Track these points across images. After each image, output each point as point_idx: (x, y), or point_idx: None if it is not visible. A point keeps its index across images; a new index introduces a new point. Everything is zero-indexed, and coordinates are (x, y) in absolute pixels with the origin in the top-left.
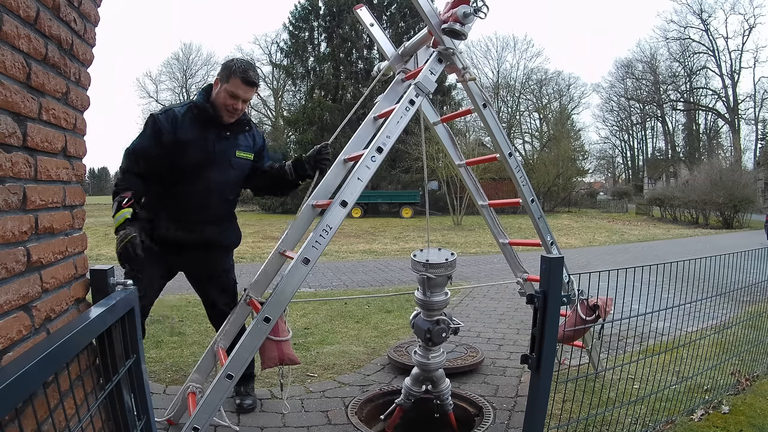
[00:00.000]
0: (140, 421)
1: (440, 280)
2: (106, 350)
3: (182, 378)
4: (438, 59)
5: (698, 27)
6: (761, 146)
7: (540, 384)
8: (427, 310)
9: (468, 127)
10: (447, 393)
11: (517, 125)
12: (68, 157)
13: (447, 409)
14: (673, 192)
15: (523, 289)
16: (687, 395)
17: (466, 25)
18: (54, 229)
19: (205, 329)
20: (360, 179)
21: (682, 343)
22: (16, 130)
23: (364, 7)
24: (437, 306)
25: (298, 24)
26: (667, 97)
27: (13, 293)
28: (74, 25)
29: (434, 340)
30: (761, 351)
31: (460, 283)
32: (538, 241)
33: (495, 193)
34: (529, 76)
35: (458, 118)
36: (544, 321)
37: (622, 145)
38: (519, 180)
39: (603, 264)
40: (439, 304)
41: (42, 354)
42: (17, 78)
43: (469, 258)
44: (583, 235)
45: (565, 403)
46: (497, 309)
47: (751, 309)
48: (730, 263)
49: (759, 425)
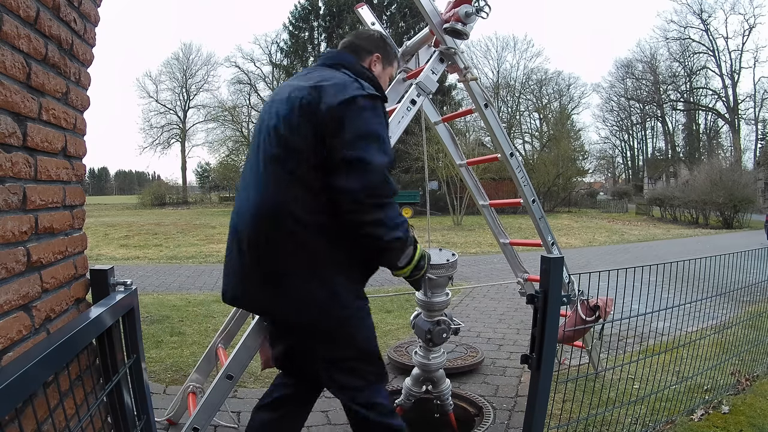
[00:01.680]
0: (140, 421)
1: (441, 281)
2: (106, 350)
3: (182, 378)
4: (439, 59)
5: (698, 27)
6: (761, 146)
7: (540, 384)
8: (427, 311)
9: (468, 127)
10: (447, 393)
11: (517, 125)
12: (68, 157)
13: (447, 409)
14: (673, 192)
15: (523, 289)
16: (687, 395)
17: (468, 24)
18: (54, 229)
19: (205, 329)
20: None
21: (682, 343)
22: (16, 130)
23: (365, 6)
24: (438, 306)
25: (298, 24)
26: (667, 97)
27: (13, 293)
28: (74, 25)
29: (435, 340)
30: (761, 351)
31: (460, 283)
32: (539, 242)
33: (495, 193)
34: (529, 76)
35: (459, 118)
36: (544, 321)
37: (622, 145)
38: (520, 180)
39: (603, 264)
40: (440, 305)
41: (42, 354)
42: (17, 78)
43: (469, 258)
44: (583, 235)
45: (565, 403)
46: (497, 309)
47: (751, 309)
48: (730, 263)
49: (759, 425)
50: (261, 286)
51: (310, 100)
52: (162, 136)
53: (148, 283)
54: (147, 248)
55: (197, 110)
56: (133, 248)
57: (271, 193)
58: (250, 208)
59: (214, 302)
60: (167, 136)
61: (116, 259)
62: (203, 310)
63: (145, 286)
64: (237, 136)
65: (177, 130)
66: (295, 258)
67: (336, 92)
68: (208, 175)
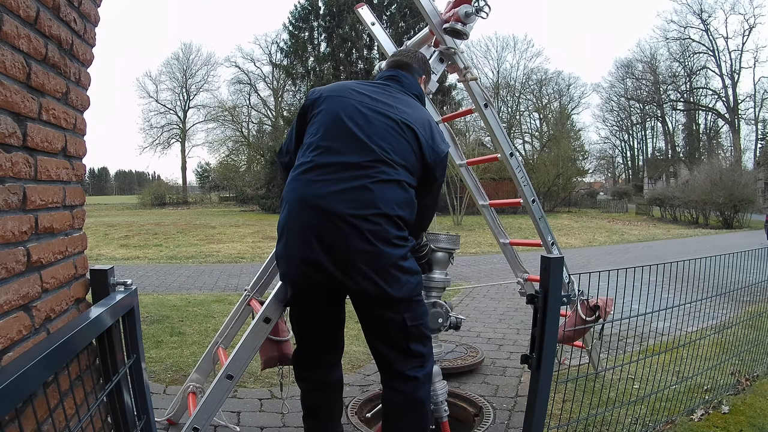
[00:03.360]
0: (140, 421)
1: (441, 256)
2: (106, 350)
3: (182, 378)
4: (439, 59)
5: (698, 27)
6: (761, 146)
7: (540, 384)
8: (426, 290)
9: (468, 127)
10: (442, 396)
11: (517, 125)
12: (68, 157)
13: (441, 415)
14: (673, 192)
15: (523, 289)
16: (687, 395)
17: (468, 24)
18: (54, 229)
19: (205, 329)
20: None
21: (682, 343)
22: (16, 130)
23: (365, 6)
24: (435, 284)
25: (298, 24)
26: (667, 97)
27: (13, 293)
28: (74, 25)
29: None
30: (761, 351)
31: (460, 283)
32: (539, 242)
33: (495, 193)
34: (529, 76)
35: (459, 118)
36: (544, 321)
37: (622, 145)
38: (520, 180)
39: (603, 264)
40: (438, 283)
41: (42, 354)
42: (17, 78)
43: (469, 258)
44: (583, 235)
45: (565, 403)
46: (497, 309)
47: (751, 309)
48: (730, 263)
49: (759, 425)
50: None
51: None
52: (162, 136)
53: (148, 283)
54: (147, 248)
55: (197, 110)
56: (133, 248)
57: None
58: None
59: (214, 302)
60: (167, 136)
61: (116, 259)
62: (203, 310)
63: (145, 286)
64: (237, 136)
65: (177, 130)
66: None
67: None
68: (208, 175)
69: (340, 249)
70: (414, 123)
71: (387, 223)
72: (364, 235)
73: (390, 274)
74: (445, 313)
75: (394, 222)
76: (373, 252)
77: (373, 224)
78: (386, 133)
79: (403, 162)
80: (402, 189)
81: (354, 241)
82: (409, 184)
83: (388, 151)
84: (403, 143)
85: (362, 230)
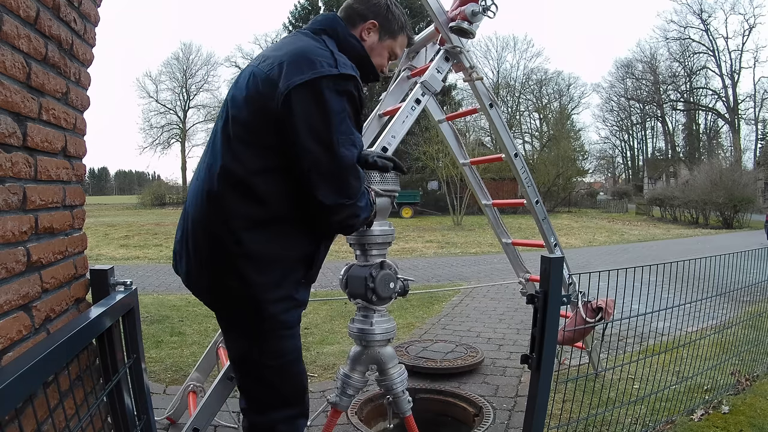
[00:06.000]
0: (140, 421)
1: (383, 202)
2: (106, 350)
3: (182, 378)
4: (445, 57)
5: (698, 27)
6: (761, 146)
7: (540, 384)
8: (363, 251)
9: (468, 127)
10: (400, 384)
11: (517, 125)
12: (68, 157)
13: (404, 409)
14: (673, 192)
15: (525, 289)
16: (687, 395)
17: (474, 23)
18: (54, 229)
19: (205, 329)
20: None
21: (682, 343)
22: (16, 130)
23: None
24: (378, 239)
25: (298, 24)
26: (667, 97)
27: (13, 293)
28: (74, 25)
29: (379, 292)
30: (761, 351)
31: (460, 283)
32: (542, 242)
33: (495, 193)
34: (529, 76)
35: (462, 117)
36: (544, 321)
37: (622, 145)
38: (524, 181)
39: (603, 264)
40: (381, 238)
41: (42, 354)
42: (17, 78)
43: (469, 258)
44: (583, 235)
45: (565, 403)
46: (497, 309)
47: (751, 309)
48: (730, 263)
49: (759, 425)
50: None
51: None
52: (162, 136)
53: (148, 283)
54: (147, 248)
55: (197, 110)
56: (133, 248)
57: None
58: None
59: None
60: (167, 136)
61: (116, 259)
62: (203, 310)
63: (145, 286)
64: None
65: (177, 130)
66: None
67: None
68: None
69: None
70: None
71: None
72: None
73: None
74: (395, 274)
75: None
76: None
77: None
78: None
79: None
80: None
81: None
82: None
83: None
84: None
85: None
